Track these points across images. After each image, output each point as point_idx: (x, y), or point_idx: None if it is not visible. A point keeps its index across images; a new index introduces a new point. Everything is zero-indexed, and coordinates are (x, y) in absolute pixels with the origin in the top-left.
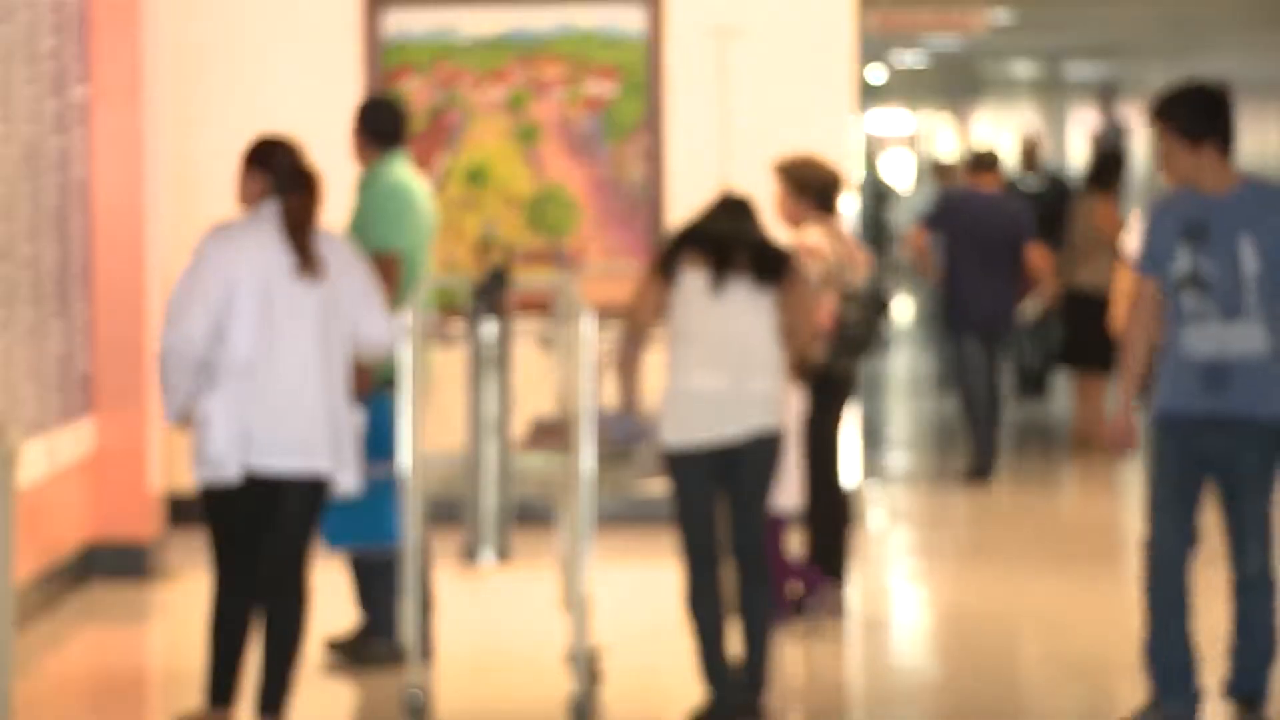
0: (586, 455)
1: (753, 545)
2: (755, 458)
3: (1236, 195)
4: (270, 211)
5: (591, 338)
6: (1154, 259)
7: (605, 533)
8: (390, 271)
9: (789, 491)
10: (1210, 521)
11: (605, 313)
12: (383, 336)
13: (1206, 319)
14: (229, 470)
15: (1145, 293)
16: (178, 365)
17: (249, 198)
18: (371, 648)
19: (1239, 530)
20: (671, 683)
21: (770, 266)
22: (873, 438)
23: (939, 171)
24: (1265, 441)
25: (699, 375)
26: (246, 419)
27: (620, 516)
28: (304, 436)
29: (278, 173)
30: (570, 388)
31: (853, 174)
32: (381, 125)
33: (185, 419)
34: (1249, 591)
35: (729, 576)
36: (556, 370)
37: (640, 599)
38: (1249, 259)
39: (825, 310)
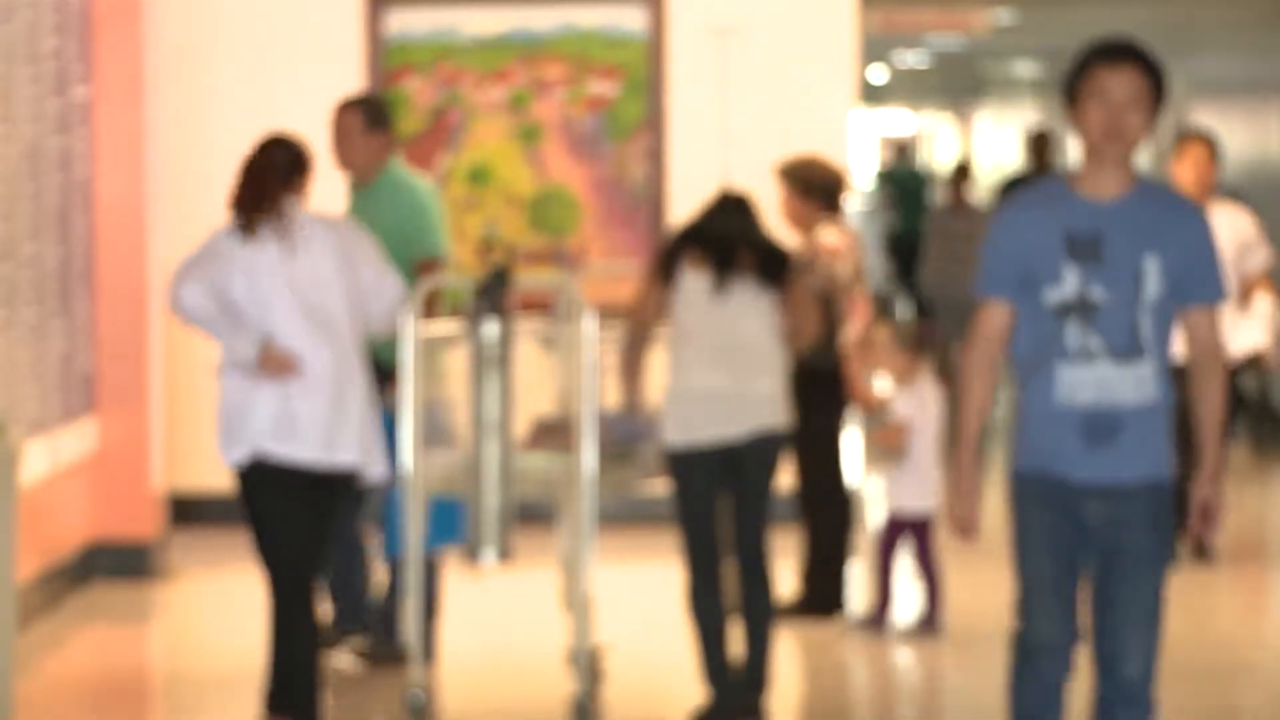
0: (588, 455)
1: (755, 544)
2: (757, 457)
3: (1133, 201)
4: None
5: (593, 338)
6: (1005, 274)
7: (607, 532)
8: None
9: (926, 493)
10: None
11: (607, 313)
12: (389, 319)
13: (1093, 358)
14: (265, 451)
15: (991, 321)
16: (200, 319)
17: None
18: (378, 648)
19: (1117, 624)
20: (672, 682)
21: (772, 267)
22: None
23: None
24: (1159, 512)
25: (701, 375)
26: (281, 409)
27: (622, 516)
28: (333, 429)
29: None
30: (572, 388)
31: (856, 173)
32: (392, 123)
33: (262, 349)
34: (1126, 708)
35: (730, 576)
36: (558, 370)
37: (641, 598)
38: (1153, 283)
39: (860, 308)
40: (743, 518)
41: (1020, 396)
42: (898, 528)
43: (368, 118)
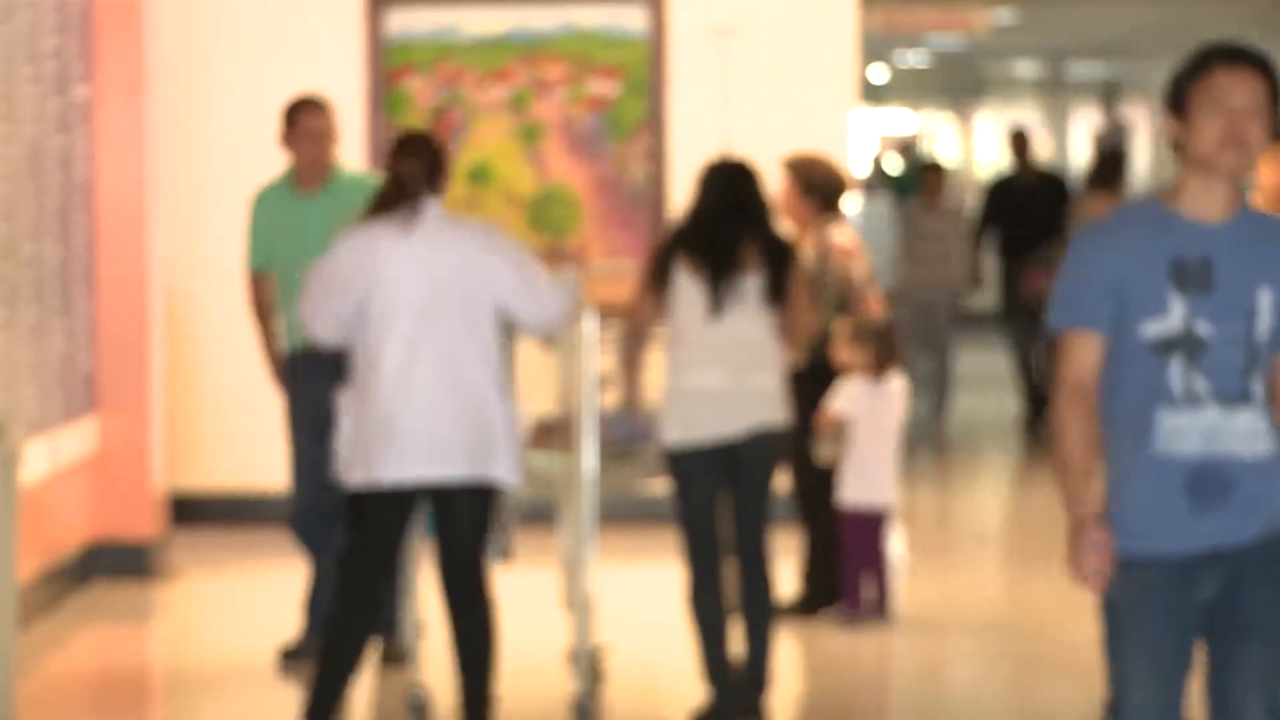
0: (588, 455)
1: (755, 543)
2: (757, 455)
3: (1243, 226)
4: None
5: (593, 337)
6: (1096, 303)
7: (607, 532)
8: None
9: (885, 487)
10: None
11: (607, 312)
12: (540, 322)
13: (1199, 402)
14: (378, 475)
15: (1083, 358)
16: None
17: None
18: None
19: (1238, 691)
20: (672, 682)
21: (774, 265)
22: None
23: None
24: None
25: (700, 373)
26: (389, 424)
27: (622, 516)
28: (444, 440)
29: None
30: (572, 387)
31: (857, 173)
32: None
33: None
34: None
35: (730, 576)
36: (558, 370)
37: (641, 598)
38: (1265, 320)
39: (873, 308)
40: (742, 516)
41: (1106, 451)
42: (850, 520)
43: (334, 121)
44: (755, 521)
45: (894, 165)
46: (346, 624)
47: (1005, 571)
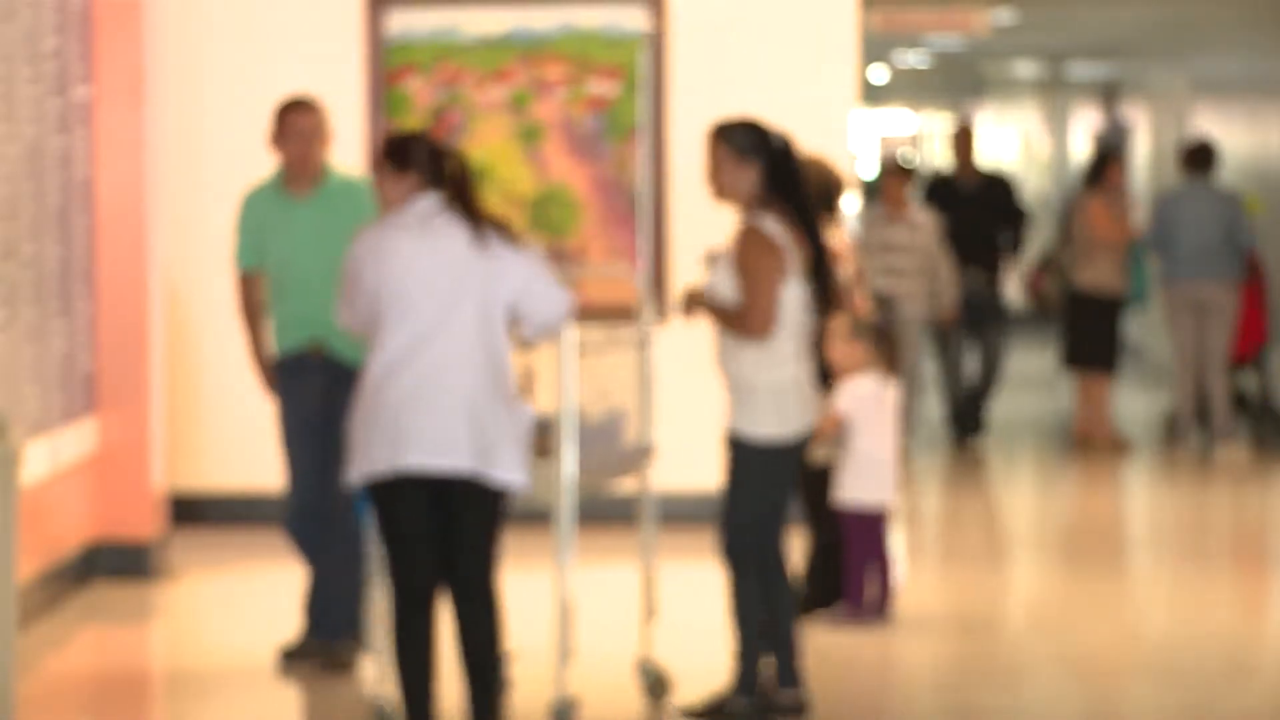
0: (569, 459)
1: (779, 542)
2: (803, 450)
3: None
4: (424, 206)
5: (573, 340)
6: None
7: (593, 532)
8: None
9: (876, 485)
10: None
11: (608, 313)
12: (542, 324)
13: None
14: (379, 467)
15: None
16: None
17: (395, 199)
18: (337, 651)
19: None
20: (671, 683)
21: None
22: None
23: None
24: None
25: (794, 367)
26: (392, 416)
27: (603, 516)
28: (446, 433)
29: (421, 168)
30: (553, 390)
31: (855, 175)
32: None
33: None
34: None
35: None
36: (540, 373)
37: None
38: None
39: (861, 307)
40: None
41: None
42: (851, 519)
43: (324, 121)
44: (783, 521)
45: (868, 169)
46: (408, 624)
47: (1009, 573)
